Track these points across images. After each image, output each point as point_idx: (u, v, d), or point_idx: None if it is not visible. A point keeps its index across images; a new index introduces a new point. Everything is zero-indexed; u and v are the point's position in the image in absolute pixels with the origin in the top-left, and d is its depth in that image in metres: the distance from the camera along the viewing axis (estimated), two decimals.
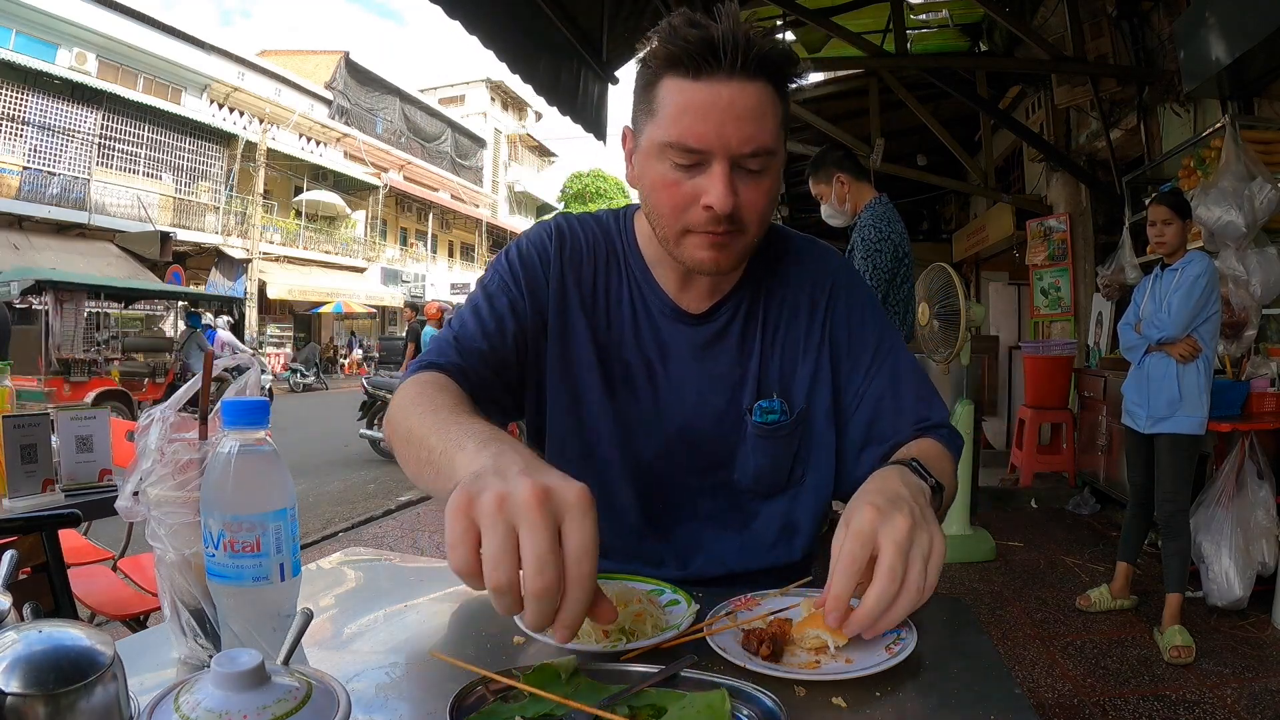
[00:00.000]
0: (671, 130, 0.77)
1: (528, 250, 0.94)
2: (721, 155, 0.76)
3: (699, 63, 0.75)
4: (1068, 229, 5.69)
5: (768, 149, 0.78)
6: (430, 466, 0.67)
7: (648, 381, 0.93)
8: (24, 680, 0.39)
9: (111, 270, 13.63)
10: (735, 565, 0.94)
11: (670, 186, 0.80)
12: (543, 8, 3.52)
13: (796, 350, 0.94)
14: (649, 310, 0.94)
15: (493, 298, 0.91)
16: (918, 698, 0.61)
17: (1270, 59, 3.33)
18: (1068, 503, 4.63)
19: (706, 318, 0.93)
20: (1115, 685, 2.35)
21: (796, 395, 0.94)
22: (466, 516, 0.53)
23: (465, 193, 28.93)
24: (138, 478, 0.66)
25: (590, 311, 0.93)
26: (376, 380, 7.39)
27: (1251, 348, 3.33)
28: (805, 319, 0.94)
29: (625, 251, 0.96)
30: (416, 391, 0.79)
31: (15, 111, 13.19)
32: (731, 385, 0.93)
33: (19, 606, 0.53)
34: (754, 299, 0.95)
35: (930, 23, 6.28)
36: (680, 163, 0.78)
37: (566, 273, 0.93)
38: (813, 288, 0.95)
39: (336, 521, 4.69)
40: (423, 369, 0.85)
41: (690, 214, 0.80)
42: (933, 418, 0.91)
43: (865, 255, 2.54)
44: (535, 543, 0.50)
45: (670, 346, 0.93)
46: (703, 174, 0.78)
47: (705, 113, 0.75)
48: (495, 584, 0.51)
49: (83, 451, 1.72)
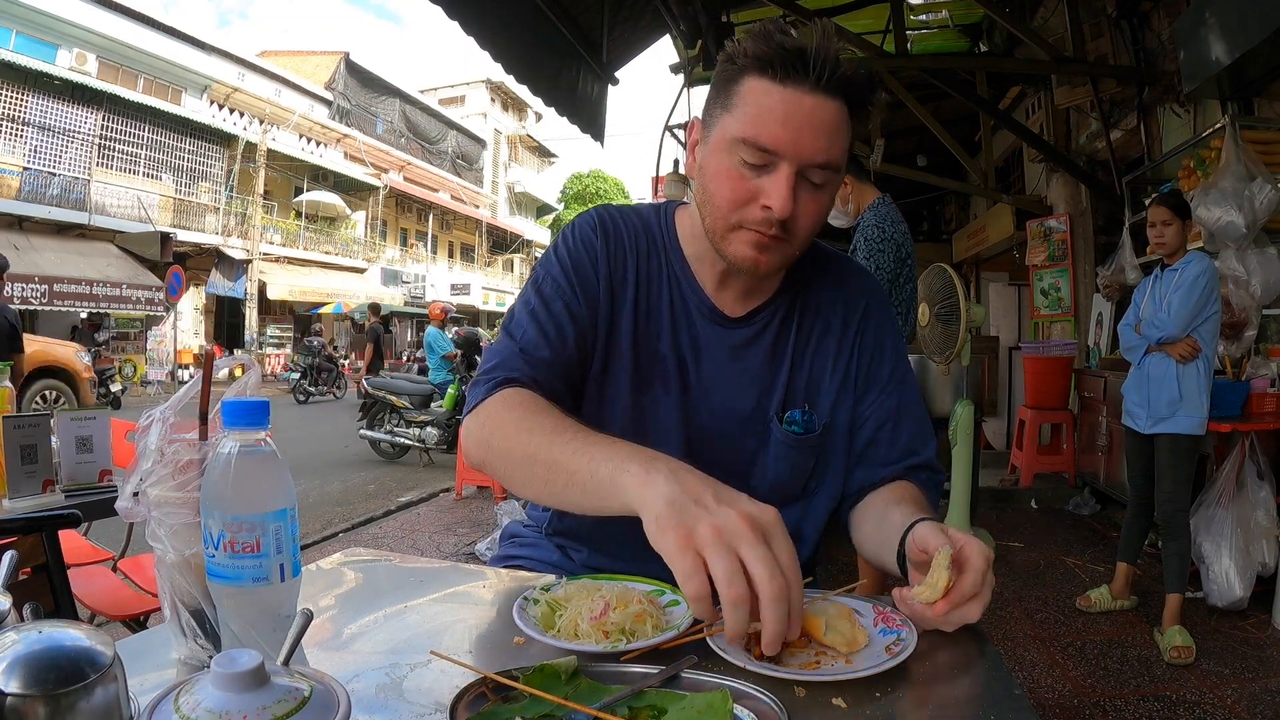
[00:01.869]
0: (749, 127, 0.79)
1: (576, 248, 0.94)
2: (791, 161, 0.79)
3: (788, 69, 0.77)
4: (1068, 229, 5.69)
5: (834, 165, 0.81)
6: (575, 488, 0.72)
7: (679, 379, 0.93)
8: (24, 680, 0.39)
9: (111, 271, 13.63)
10: None
11: (734, 180, 0.81)
12: (543, 8, 3.52)
13: (826, 363, 0.96)
14: (687, 307, 0.94)
15: (549, 302, 0.91)
16: (918, 698, 0.61)
17: (1270, 59, 3.33)
18: (1068, 503, 4.63)
19: (743, 321, 0.94)
20: (1115, 685, 2.35)
21: (822, 408, 0.95)
22: (690, 549, 0.59)
23: (465, 193, 28.93)
24: (138, 478, 0.66)
25: (633, 305, 0.93)
26: (376, 381, 7.39)
27: (1251, 348, 3.32)
28: (838, 334, 0.96)
29: (666, 246, 0.96)
30: (512, 411, 0.81)
31: (15, 112, 13.19)
32: (760, 391, 0.94)
33: (19, 607, 0.53)
34: (790, 308, 0.96)
35: (930, 23, 6.28)
36: (750, 160, 0.80)
37: (614, 267, 0.94)
38: (847, 305, 0.97)
39: (336, 522, 4.68)
40: (500, 385, 0.85)
41: (747, 211, 0.82)
42: (921, 456, 0.95)
43: (868, 255, 2.54)
44: (761, 558, 0.58)
45: (704, 346, 0.94)
46: (768, 176, 0.80)
47: (785, 118, 0.78)
48: (735, 597, 0.57)
49: (83, 452, 1.72)
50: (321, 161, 20.66)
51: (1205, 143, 3.73)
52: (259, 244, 17.55)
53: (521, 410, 0.80)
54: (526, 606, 0.75)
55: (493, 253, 30.16)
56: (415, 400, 6.99)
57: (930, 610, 0.68)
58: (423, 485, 5.86)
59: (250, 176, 17.63)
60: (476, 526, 4.54)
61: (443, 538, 4.30)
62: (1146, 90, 4.65)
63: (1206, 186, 3.41)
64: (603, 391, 0.94)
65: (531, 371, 0.87)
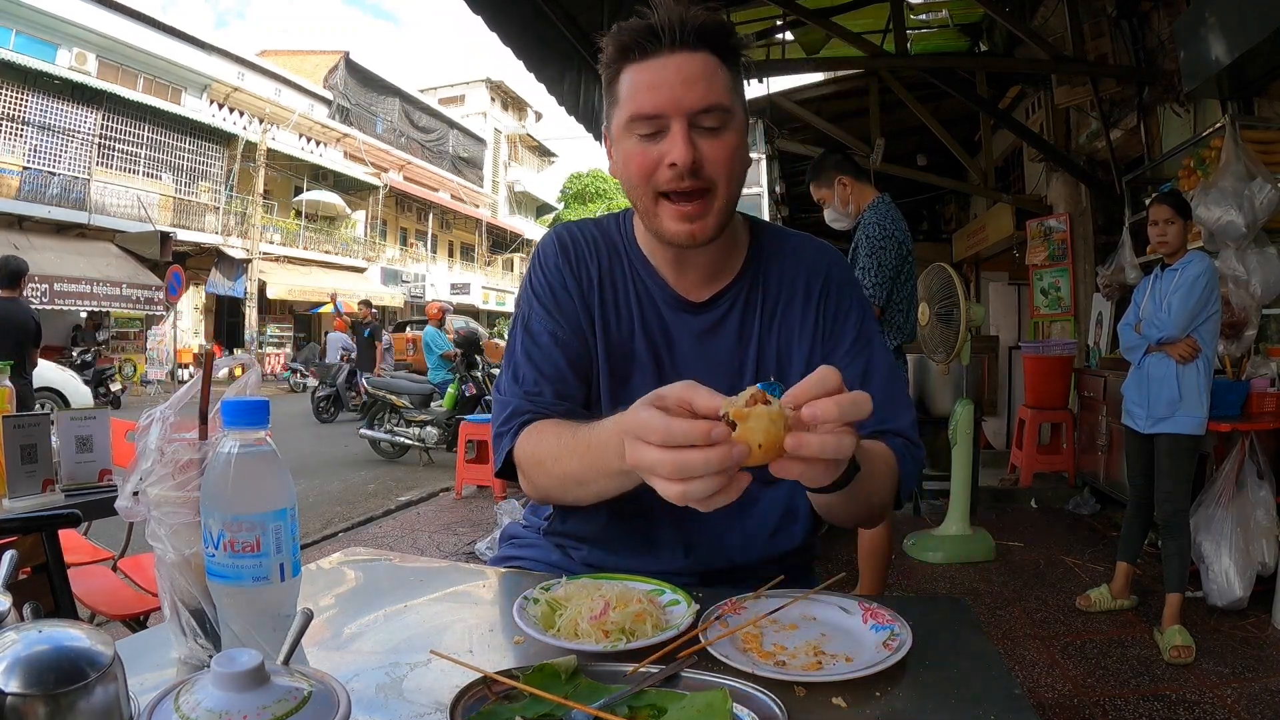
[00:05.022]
0: (631, 106, 0.85)
1: (545, 275, 1.00)
2: (678, 115, 0.84)
3: (644, 46, 0.84)
4: (1068, 229, 5.69)
5: (721, 105, 0.84)
6: (601, 477, 0.79)
7: (654, 368, 0.96)
8: (24, 680, 0.39)
9: (111, 271, 13.63)
10: (738, 555, 0.96)
11: (639, 155, 0.87)
12: (543, 8, 3.53)
13: (793, 336, 0.97)
14: (653, 299, 0.98)
15: (536, 337, 0.97)
16: (918, 698, 0.61)
17: (1270, 59, 3.33)
18: (1068, 503, 4.63)
19: (707, 306, 0.97)
20: (1115, 685, 2.35)
21: (792, 379, 0.94)
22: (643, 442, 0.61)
23: (465, 193, 28.91)
24: (138, 478, 0.66)
25: (601, 306, 0.98)
26: (376, 381, 7.39)
27: (1251, 348, 3.32)
28: (800, 306, 0.98)
29: (626, 248, 1.00)
30: (540, 446, 0.88)
31: (15, 111, 13.17)
32: (731, 372, 0.96)
33: (19, 606, 0.53)
34: (753, 288, 0.98)
35: (930, 23, 6.28)
36: (644, 132, 0.86)
37: (580, 278, 0.99)
38: (809, 276, 0.99)
39: (336, 521, 4.68)
40: (518, 432, 0.92)
41: (658, 176, 0.86)
42: (892, 424, 0.93)
43: (870, 253, 2.55)
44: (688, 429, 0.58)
45: (674, 335, 0.98)
46: (664, 138, 0.85)
47: (655, 83, 0.84)
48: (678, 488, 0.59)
49: (83, 451, 1.72)
50: (321, 161, 20.65)
51: (1205, 142, 3.73)
52: (259, 243, 17.53)
53: (544, 443, 0.88)
54: (526, 606, 0.75)
55: (493, 252, 30.14)
56: (415, 400, 6.99)
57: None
58: (423, 485, 5.86)
59: (250, 176, 17.62)
60: (476, 526, 4.54)
61: (443, 537, 4.30)
62: (1146, 90, 4.65)
63: (1206, 186, 3.41)
64: (589, 393, 0.98)
65: (536, 408, 0.93)
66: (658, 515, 0.96)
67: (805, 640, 0.70)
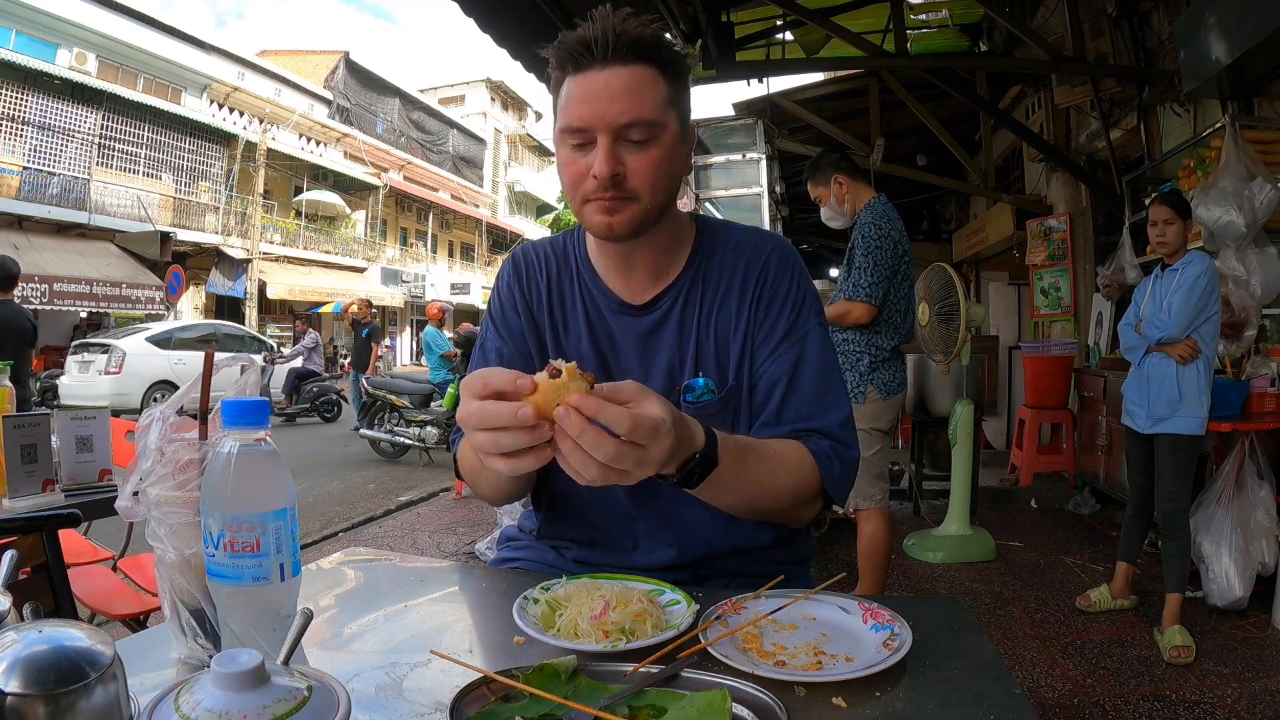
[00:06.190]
0: (563, 118, 0.88)
1: (499, 296, 1.05)
2: (603, 130, 0.86)
3: (578, 59, 0.86)
4: (1068, 229, 5.69)
5: (647, 120, 0.86)
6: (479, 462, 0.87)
7: (601, 373, 0.96)
8: (24, 680, 0.39)
9: (111, 270, 13.63)
10: (717, 542, 0.97)
11: (570, 165, 0.90)
12: (543, 7, 3.53)
13: (729, 329, 0.97)
14: (598, 306, 1.00)
15: (487, 354, 1.03)
16: (918, 698, 0.61)
17: (1270, 59, 3.33)
18: (1068, 503, 4.63)
19: (649, 307, 0.99)
20: (1115, 685, 2.35)
21: (728, 373, 0.98)
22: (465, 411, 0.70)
23: (465, 193, 28.91)
24: (138, 478, 0.66)
25: (551, 322, 1.02)
26: (376, 381, 7.40)
27: (1251, 348, 3.32)
28: (736, 298, 0.98)
29: (577, 261, 1.03)
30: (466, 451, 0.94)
31: (15, 111, 13.17)
32: (671, 370, 0.97)
33: (19, 606, 0.53)
34: (693, 285, 0.99)
35: (930, 23, 6.27)
36: (574, 143, 0.88)
37: (529, 296, 1.03)
38: (746, 268, 0.99)
39: (336, 521, 4.68)
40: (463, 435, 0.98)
41: (585, 185, 0.89)
42: (816, 422, 0.93)
43: (866, 253, 2.55)
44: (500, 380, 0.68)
45: (618, 338, 1.00)
46: (591, 151, 0.87)
47: (584, 97, 0.86)
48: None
49: (83, 451, 1.72)
50: (321, 161, 20.64)
51: (1205, 142, 3.73)
52: (259, 243, 17.53)
53: (466, 453, 0.94)
54: (526, 606, 0.75)
55: (493, 252, 30.11)
56: (415, 400, 7.00)
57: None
58: (423, 485, 5.86)
59: (250, 176, 17.62)
60: (476, 526, 4.54)
61: (443, 537, 4.30)
62: (1146, 90, 4.65)
63: (1206, 186, 3.41)
64: None
65: None
66: (628, 511, 0.98)
67: (805, 640, 0.70)
